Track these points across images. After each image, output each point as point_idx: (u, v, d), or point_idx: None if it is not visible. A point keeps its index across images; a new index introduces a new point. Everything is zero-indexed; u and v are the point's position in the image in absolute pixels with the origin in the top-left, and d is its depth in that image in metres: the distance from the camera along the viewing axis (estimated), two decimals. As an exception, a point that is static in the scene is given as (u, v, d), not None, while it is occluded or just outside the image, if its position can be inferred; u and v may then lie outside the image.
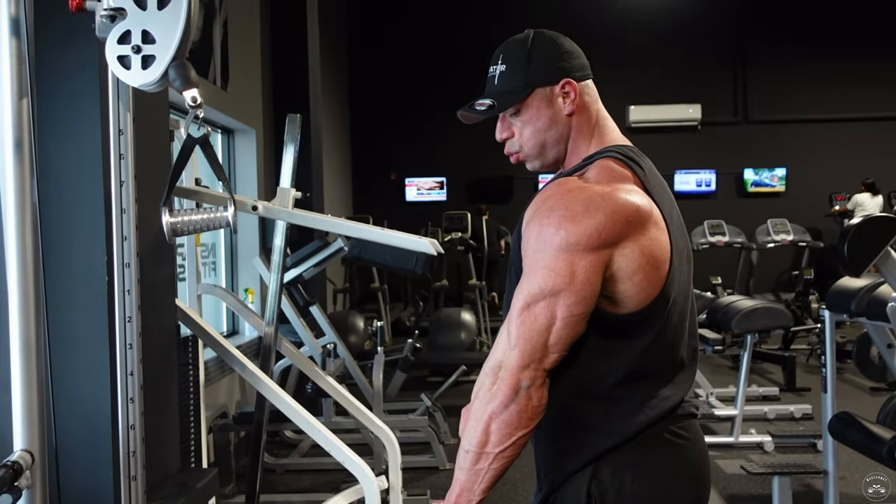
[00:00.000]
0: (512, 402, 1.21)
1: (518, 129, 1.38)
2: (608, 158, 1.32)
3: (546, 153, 1.39)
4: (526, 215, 1.29)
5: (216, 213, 1.46)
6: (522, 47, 1.38)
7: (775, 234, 9.43)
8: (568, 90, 1.36)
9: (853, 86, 10.68)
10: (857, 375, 5.99)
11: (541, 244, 1.22)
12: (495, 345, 1.26)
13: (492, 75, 1.40)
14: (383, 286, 8.16)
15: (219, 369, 4.10)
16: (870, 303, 2.91)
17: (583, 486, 1.31)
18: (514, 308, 1.23)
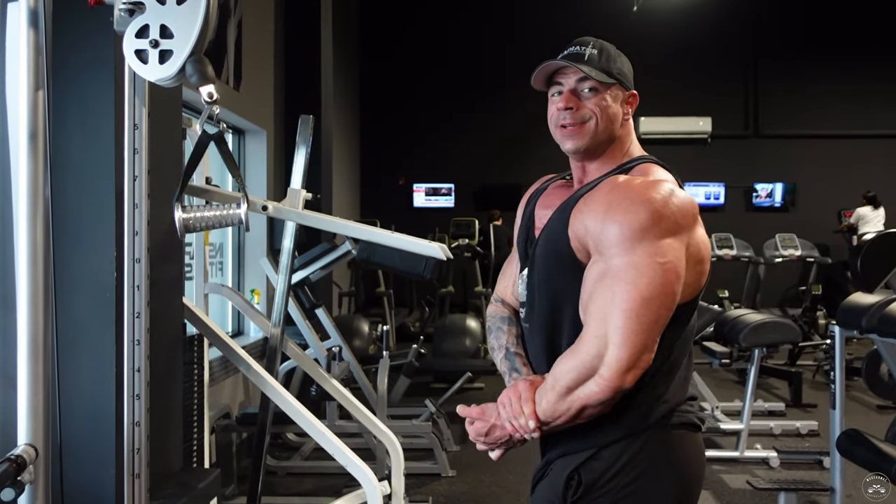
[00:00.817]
0: (609, 401, 1.27)
1: (591, 105, 1.42)
2: (649, 163, 1.42)
3: (601, 138, 1.43)
4: (589, 209, 1.33)
5: (229, 210, 1.45)
6: (611, 46, 1.47)
7: (783, 248, 9.37)
8: (632, 101, 1.47)
9: (864, 102, 10.65)
10: (864, 393, 5.94)
11: (637, 235, 1.26)
12: (587, 329, 1.29)
13: (581, 52, 1.43)
14: (389, 291, 8.15)
15: (223, 369, 4.09)
16: (881, 319, 2.88)
17: (568, 467, 1.39)
18: (625, 300, 1.25)
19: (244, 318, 5.03)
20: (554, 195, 1.55)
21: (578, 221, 1.36)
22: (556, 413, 1.30)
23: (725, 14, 10.41)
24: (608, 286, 1.27)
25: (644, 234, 1.26)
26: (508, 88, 10.45)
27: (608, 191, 1.34)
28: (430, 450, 4.26)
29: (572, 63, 1.40)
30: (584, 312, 1.32)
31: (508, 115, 10.48)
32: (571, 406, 1.28)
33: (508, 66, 10.35)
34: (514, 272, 1.63)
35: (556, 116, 1.44)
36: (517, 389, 1.35)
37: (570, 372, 1.28)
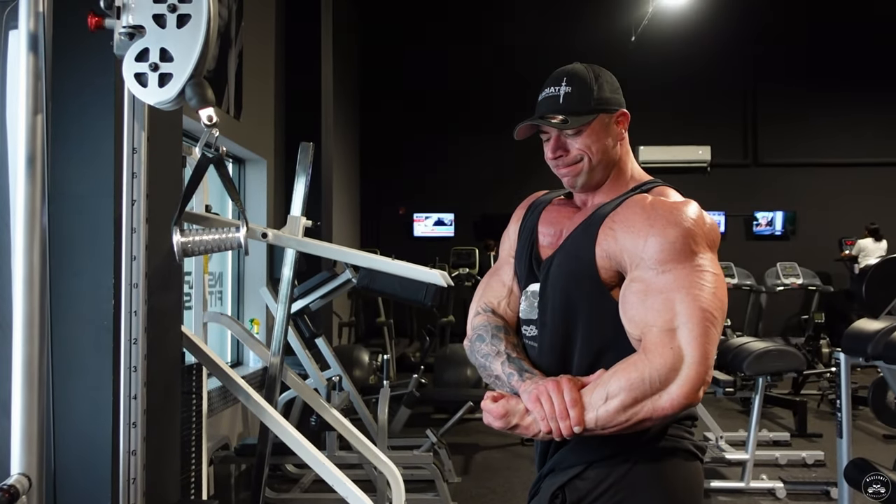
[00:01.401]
0: (674, 415, 1.25)
1: (578, 146, 1.43)
2: (665, 187, 1.44)
3: (599, 169, 1.45)
4: (625, 226, 1.34)
5: (228, 233, 1.44)
6: (587, 73, 1.46)
7: (785, 277, 9.35)
8: (622, 120, 1.48)
9: (863, 131, 10.71)
10: (869, 422, 5.88)
11: (687, 248, 1.28)
12: (655, 342, 1.25)
13: (555, 95, 1.44)
14: (389, 321, 8.11)
15: (221, 400, 4.05)
16: (887, 345, 2.86)
17: (554, 485, 1.40)
18: (692, 314, 1.24)
19: (243, 348, 5.00)
20: (559, 213, 1.55)
21: (610, 239, 1.35)
22: (612, 423, 1.24)
23: (723, 43, 10.50)
24: (669, 298, 1.26)
25: (695, 246, 1.28)
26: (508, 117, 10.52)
27: (643, 208, 1.34)
28: (431, 481, 4.19)
29: (546, 122, 1.41)
30: (634, 325, 1.29)
31: (508, 145, 10.48)
32: (632, 418, 1.23)
33: (507, 95, 10.43)
34: (505, 285, 1.60)
35: (550, 161, 1.48)
36: (560, 387, 1.27)
37: (637, 384, 1.22)
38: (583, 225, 1.43)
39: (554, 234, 1.52)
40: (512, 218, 1.68)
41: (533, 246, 1.53)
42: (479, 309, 1.60)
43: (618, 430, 1.25)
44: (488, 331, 1.52)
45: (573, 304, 1.40)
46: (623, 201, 1.40)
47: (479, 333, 1.53)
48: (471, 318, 1.61)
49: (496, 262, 1.70)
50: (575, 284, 1.39)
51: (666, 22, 9.87)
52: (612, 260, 1.35)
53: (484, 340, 1.51)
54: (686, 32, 10.19)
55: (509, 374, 1.39)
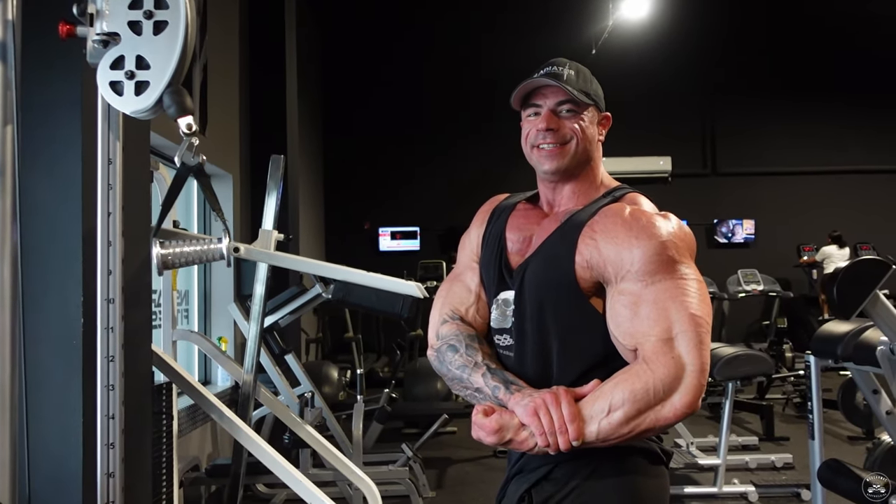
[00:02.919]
0: (675, 423, 1.25)
1: (571, 125, 1.42)
2: (636, 193, 1.44)
3: (581, 158, 1.44)
4: (606, 236, 1.33)
5: (210, 245, 1.40)
6: (585, 68, 1.48)
7: (746, 284, 9.48)
8: (605, 123, 1.49)
9: (819, 140, 10.98)
10: (834, 424, 5.98)
11: (672, 258, 1.29)
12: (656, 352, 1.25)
13: (559, 73, 1.43)
14: (357, 336, 8.04)
15: (190, 420, 3.95)
16: (856, 347, 2.91)
17: (521, 488, 1.39)
18: (685, 321, 1.25)
19: (211, 366, 4.90)
20: (526, 218, 1.52)
21: (591, 249, 1.34)
22: (614, 435, 1.23)
23: (682, 54, 10.70)
24: (663, 308, 1.26)
25: (678, 256, 1.29)
26: (472, 130, 10.57)
27: (624, 219, 1.34)
28: (405, 496, 4.15)
29: (557, 81, 1.39)
30: (629, 336, 1.29)
31: (473, 157, 10.57)
32: (635, 429, 1.23)
33: (472, 108, 10.48)
34: (472, 291, 1.55)
35: (534, 136, 1.43)
36: (558, 400, 1.24)
37: (641, 395, 1.22)
38: (559, 232, 1.40)
39: (523, 241, 1.49)
40: (473, 221, 1.64)
41: (501, 253, 1.50)
42: (446, 316, 1.54)
43: (618, 441, 1.24)
44: (461, 340, 1.46)
45: (552, 312, 1.38)
46: (599, 209, 1.39)
47: (449, 343, 1.47)
48: (435, 325, 1.54)
49: (456, 268, 1.64)
50: (554, 292, 1.37)
51: (626, 35, 10.01)
52: (593, 270, 1.34)
53: (457, 351, 1.45)
54: (646, 45, 10.36)
55: (494, 388, 1.35)
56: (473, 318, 1.52)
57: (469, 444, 5.78)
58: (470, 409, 4.35)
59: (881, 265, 2.48)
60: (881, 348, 2.66)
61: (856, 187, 10.94)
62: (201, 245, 1.42)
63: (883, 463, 3.19)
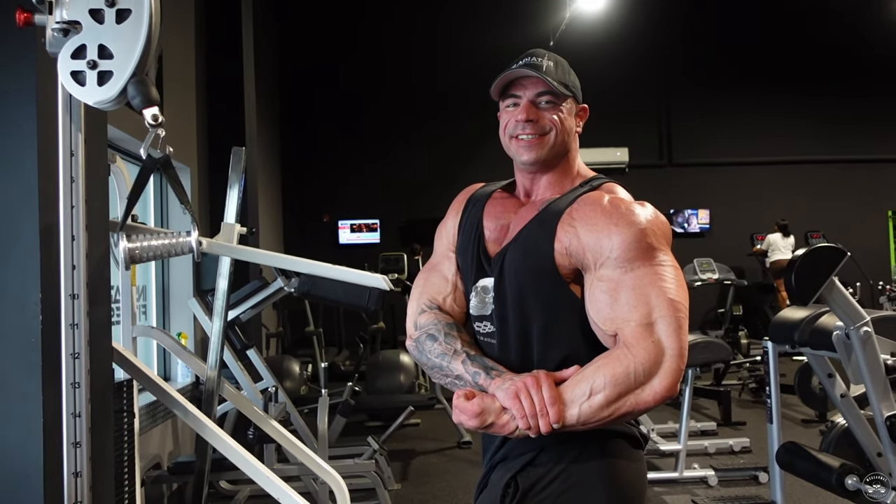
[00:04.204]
0: (654, 406, 1.25)
1: (550, 117, 1.43)
2: (611, 183, 1.45)
3: (559, 150, 1.45)
4: (585, 223, 1.34)
5: (178, 238, 1.37)
6: (564, 60, 1.49)
7: (701, 272, 9.65)
8: (582, 114, 1.51)
9: (772, 131, 11.24)
10: (788, 408, 6.13)
11: (651, 245, 1.30)
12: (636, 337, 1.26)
13: (538, 63, 1.43)
14: (318, 330, 7.99)
15: (150, 417, 3.88)
16: (813, 332, 2.98)
17: (507, 474, 1.40)
18: (664, 305, 1.26)
19: (170, 363, 4.82)
20: (503, 207, 1.53)
21: (571, 236, 1.35)
22: (594, 418, 1.24)
23: (639, 46, 10.82)
24: (643, 294, 1.27)
25: (656, 243, 1.31)
26: (430, 122, 10.55)
27: (603, 207, 1.35)
28: (371, 489, 4.13)
29: (537, 73, 1.40)
30: (609, 322, 1.30)
31: (432, 149, 10.56)
32: (615, 413, 1.24)
33: (430, 100, 10.46)
34: (448, 280, 1.56)
35: (513, 127, 1.44)
36: (539, 383, 1.25)
37: (622, 378, 1.23)
38: (537, 220, 1.41)
39: (500, 229, 1.50)
40: (449, 211, 1.64)
41: (479, 241, 1.51)
42: (423, 306, 1.55)
43: (598, 425, 1.25)
44: (440, 329, 1.47)
45: (532, 299, 1.39)
46: (578, 198, 1.40)
47: (428, 332, 1.48)
48: (413, 315, 1.55)
49: (433, 258, 1.64)
50: (534, 279, 1.38)
51: (583, 28, 10.08)
52: (572, 257, 1.35)
53: (436, 339, 1.46)
54: (603, 37, 10.45)
55: (475, 374, 1.36)
56: (451, 307, 1.53)
57: (433, 435, 5.79)
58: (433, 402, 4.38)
59: (837, 252, 2.55)
60: (837, 333, 2.73)
61: (806, 177, 11.23)
62: (169, 238, 1.39)
63: (837, 444, 3.27)
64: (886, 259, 11.18)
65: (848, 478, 2.86)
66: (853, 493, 2.86)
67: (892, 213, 11.35)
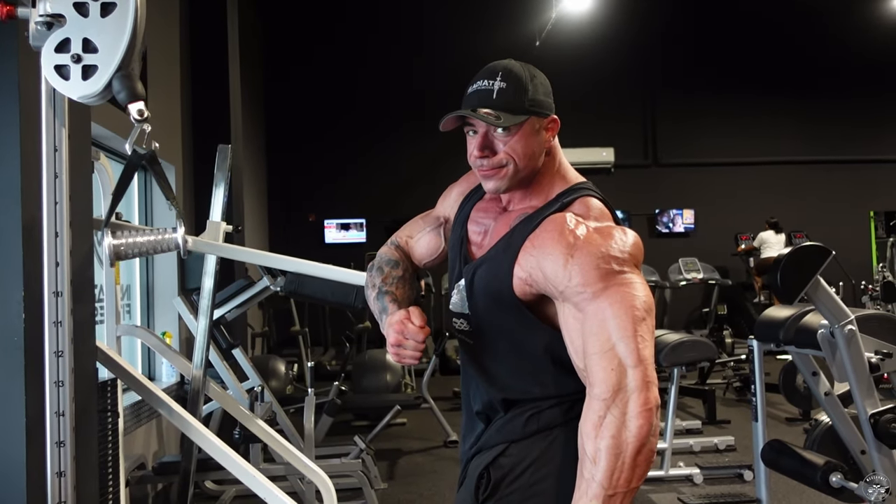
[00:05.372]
0: (653, 424, 1.17)
1: (506, 147, 1.38)
2: (587, 196, 1.41)
3: (522, 175, 1.41)
4: (546, 253, 1.31)
5: (164, 234, 1.35)
6: (523, 72, 1.41)
7: (686, 272, 9.72)
8: (551, 126, 1.44)
9: (755, 132, 11.29)
10: (772, 406, 6.18)
11: (612, 269, 1.25)
12: (595, 369, 1.22)
13: (488, 89, 1.38)
14: (304, 329, 7.95)
15: (134, 417, 3.85)
16: (798, 331, 3.00)
17: (480, 466, 1.42)
18: (625, 327, 1.21)
19: (154, 363, 4.78)
20: (485, 211, 1.55)
21: (531, 264, 1.34)
22: (622, 483, 1.16)
23: (625, 47, 10.84)
24: (601, 319, 1.23)
25: (617, 266, 1.26)
26: (415, 121, 10.53)
27: (561, 233, 1.31)
28: (357, 489, 4.12)
29: (478, 115, 1.35)
30: (577, 356, 1.28)
31: (417, 148, 10.53)
32: (626, 461, 1.16)
33: (416, 99, 10.43)
34: (422, 230, 1.71)
35: (474, 161, 1.42)
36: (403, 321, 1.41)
37: (604, 432, 1.17)
38: (505, 241, 1.42)
39: (481, 234, 1.52)
40: (460, 181, 1.69)
41: (463, 242, 1.54)
42: (389, 241, 1.74)
43: (639, 480, 1.18)
44: (379, 262, 1.66)
45: (496, 316, 1.42)
46: (543, 220, 1.38)
47: (373, 263, 1.68)
48: (381, 248, 1.74)
49: (432, 210, 1.75)
50: (496, 300, 1.40)
51: (569, 28, 10.10)
52: (533, 285, 1.35)
53: (372, 271, 1.66)
54: (589, 38, 10.47)
55: (380, 310, 1.53)
56: (415, 251, 1.71)
57: (419, 434, 5.79)
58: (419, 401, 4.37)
59: (822, 251, 2.56)
60: (822, 331, 2.75)
61: (790, 177, 11.30)
62: (155, 235, 1.37)
63: (822, 442, 3.29)
64: (868, 259, 11.28)
65: (832, 475, 2.87)
66: (837, 490, 2.88)
67: (874, 214, 11.46)
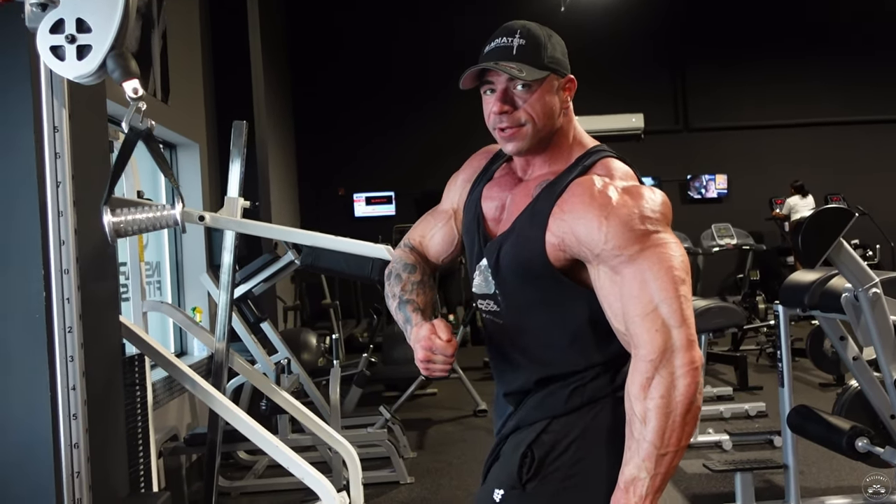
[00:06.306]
0: (699, 383, 1.22)
1: (525, 105, 1.36)
2: (608, 158, 1.39)
3: (542, 135, 1.39)
4: (578, 216, 1.31)
5: (162, 211, 1.38)
6: (541, 31, 1.40)
7: (719, 238, 9.56)
8: (570, 87, 1.42)
9: (789, 93, 11.00)
10: (806, 372, 6.10)
11: (647, 229, 1.26)
12: (639, 331, 1.24)
13: (508, 45, 1.36)
14: (335, 302, 8.03)
15: (167, 390, 3.95)
16: (823, 295, 2.95)
17: (522, 445, 1.38)
18: (666, 288, 1.23)
19: (186, 337, 4.88)
20: (500, 186, 1.51)
21: (563, 229, 1.32)
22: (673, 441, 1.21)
23: (651, 10, 10.62)
24: (642, 281, 1.25)
25: (651, 226, 1.27)
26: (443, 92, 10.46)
27: (592, 196, 1.31)
28: (387, 458, 4.19)
29: (500, 66, 1.33)
30: (617, 319, 1.29)
31: (445, 119, 10.47)
32: (676, 419, 1.20)
33: (442, 69, 10.33)
34: (434, 226, 1.66)
35: (493, 120, 1.39)
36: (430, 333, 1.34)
37: (653, 392, 1.21)
38: (529, 212, 1.39)
39: (498, 209, 1.48)
40: (465, 166, 1.65)
41: (479, 222, 1.50)
42: (403, 244, 1.67)
43: (688, 438, 1.23)
44: (396, 268, 1.59)
45: (531, 288, 1.39)
46: (569, 185, 1.36)
47: (390, 270, 1.61)
48: (396, 251, 1.68)
49: (439, 204, 1.70)
50: (529, 271, 1.37)
51: (595, -10, 9.91)
52: (566, 250, 1.33)
53: (390, 280, 1.59)
54: (613, 1, 10.26)
55: (403, 321, 1.46)
56: (430, 249, 1.65)
57: (449, 404, 5.84)
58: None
59: (844, 213, 2.51)
60: (846, 295, 2.70)
61: (826, 139, 11.02)
62: (154, 212, 1.39)
63: (850, 407, 3.25)
64: (908, 220, 11.01)
65: (858, 440, 2.85)
66: (864, 455, 2.85)
67: (915, 174, 11.14)
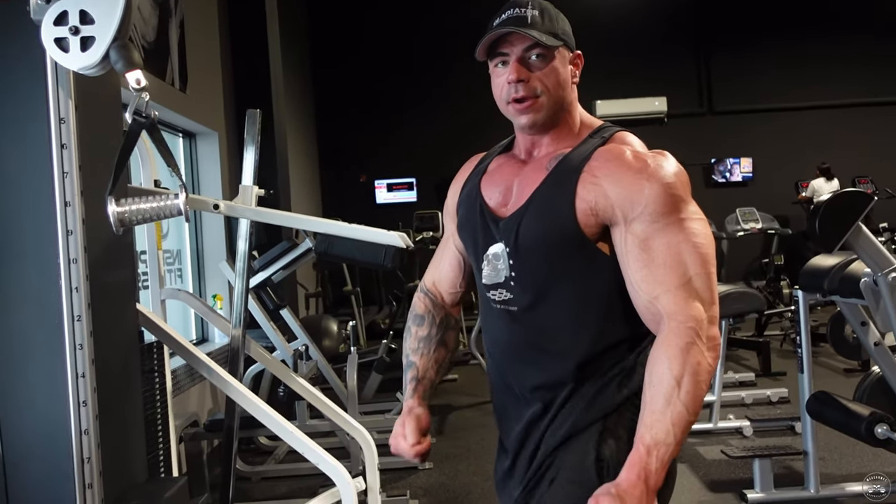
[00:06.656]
0: (717, 357, 1.24)
1: (540, 74, 1.35)
2: (622, 132, 1.39)
3: (556, 107, 1.38)
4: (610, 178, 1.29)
5: (166, 200, 1.39)
6: (549, 4, 1.39)
7: (744, 222, 9.45)
8: (577, 62, 1.42)
9: (817, 75, 10.81)
10: (830, 358, 6.03)
11: (678, 198, 1.27)
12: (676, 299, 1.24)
13: (522, 15, 1.34)
14: (356, 289, 8.08)
15: (188, 377, 4.00)
16: (842, 280, 2.91)
17: (589, 454, 1.32)
18: (699, 263, 1.25)
19: (207, 325, 4.94)
20: (501, 172, 1.47)
21: (595, 193, 1.30)
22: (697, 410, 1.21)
23: (674, -8, 10.49)
24: (678, 252, 1.26)
25: (683, 195, 1.28)
26: (463, 78, 10.43)
27: (627, 161, 1.30)
28: (405, 444, 4.21)
29: (521, 29, 1.31)
30: (643, 282, 1.27)
31: (465, 105, 10.42)
32: (703, 389, 1.21)
33: (462, 55, 10.31)
34: (444, 262, 1.61)
35: (506, 91, 1.36)
36: None
37: (691, 358, 1.20)
38: (551, 180, 1.35)
39: (503, 193, 1.43)
40: (453, 181, 1.62)
41: (482, 209, 1.45)
42: (422, 287, 1.65)
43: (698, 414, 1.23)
44: (409, 321, 1.60)
45: (558, 263, 1.34)
46: (593, 152, 1.34)
47: (407, 321, 1.62)
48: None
49: (445, 233, 1.67)
50: (557, 243, 1.33)
51: (616, -27, 9.80)
52: (598, 216, 1.30)
53: (406, 325, 1.61)
54: (637, -18, 10.15)
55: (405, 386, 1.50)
56: (446, 287, 1.62)
57: (469, 390, 5.86)
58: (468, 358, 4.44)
59: (862, 197, 2.47)
60: (865, 280, 2.66)
61: (854, 121, 10.82)
62: (158, 202, 1.40)
63: (872, 393, 3.21)
64: (939, 204, 10.79)
65: (878, 426, 2.81)
66: (883, 441, 2.82)
67: (946, 156, 10.90)
